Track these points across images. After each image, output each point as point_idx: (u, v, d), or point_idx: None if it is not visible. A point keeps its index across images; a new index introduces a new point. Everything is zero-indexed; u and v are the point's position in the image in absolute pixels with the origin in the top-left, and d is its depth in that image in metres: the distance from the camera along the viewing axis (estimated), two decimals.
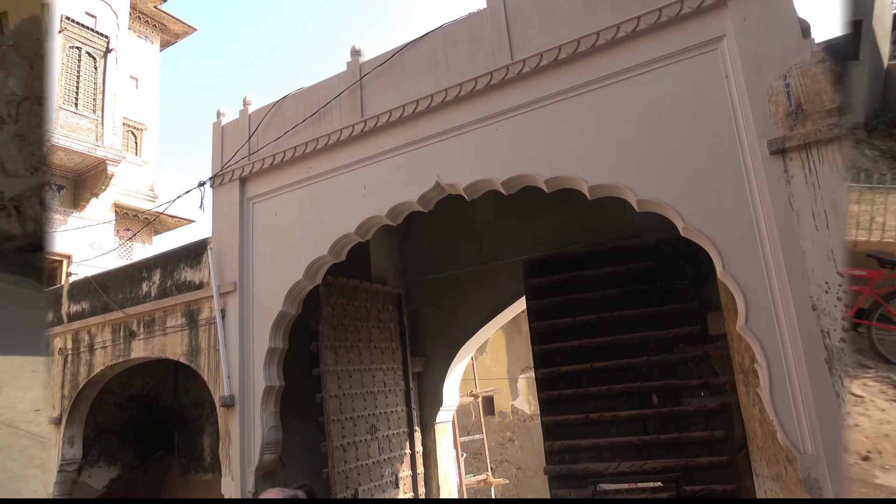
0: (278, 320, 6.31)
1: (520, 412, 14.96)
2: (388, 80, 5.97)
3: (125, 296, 8.11)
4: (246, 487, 6.20)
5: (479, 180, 5.26)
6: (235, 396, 6.39)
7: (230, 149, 7.12)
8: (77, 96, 13.39)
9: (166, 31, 17.74)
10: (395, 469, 7.37)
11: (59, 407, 8.58)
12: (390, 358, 7.78)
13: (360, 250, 6.85)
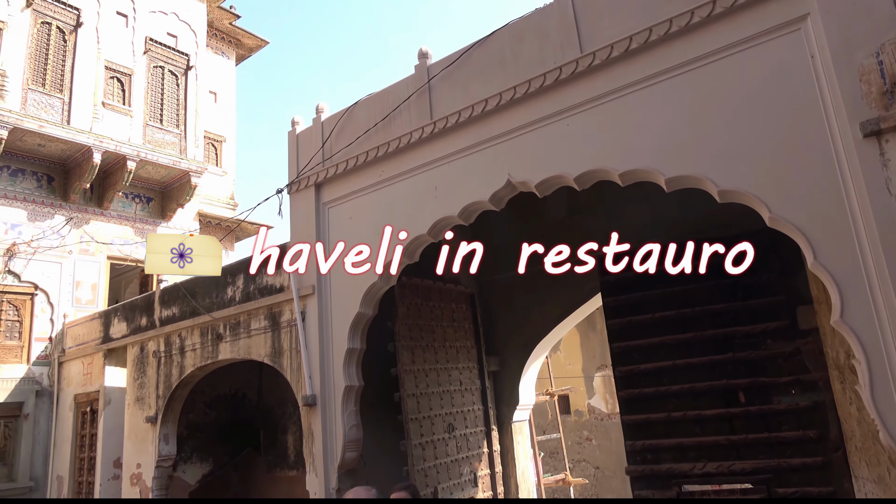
0: (356, 321, 6.45)
1: (596, 411, 14.68)
2: (457, 80, 6.00)
3: (212, 300, 8.50)
4: (329, 484, 6.38)
5: (551, 177, 5.20)
6: (317, 396, 6.58)
7: (305, 156, 7.34)
8: (162, 112, 14.15)
9: (241, 45, 18.48)
10: (474, 467, 7.39)
11: (155, 406, 9.08)
12: (465, 357, 7.81)
13: (433, 250, 6.91)
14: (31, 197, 12.27)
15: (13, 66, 11.86)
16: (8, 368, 11.35)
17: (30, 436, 11.28)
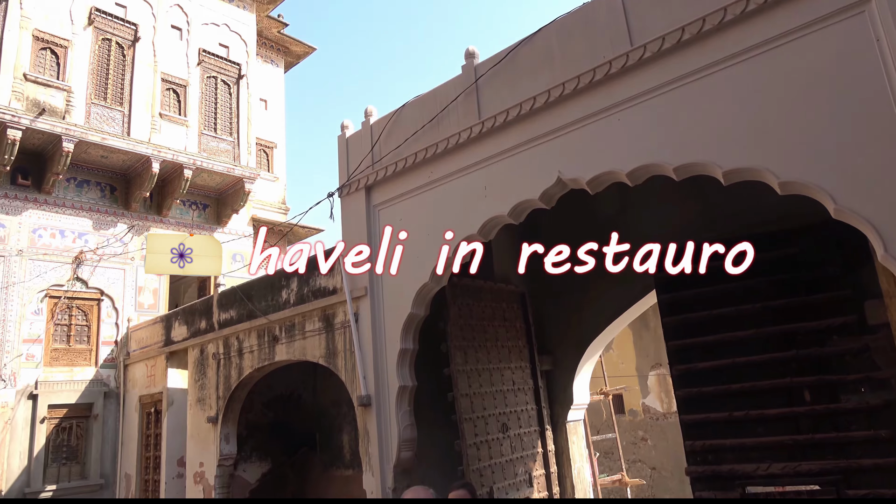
0: (408, 322, 6.50)
1: (651, 410, 14.38)
2: (504, 79, 5.98)
3: (267, 303, 8.70)
4: (386, 483, 6.44)
5: (603, 173, 5.13)
6: (372, 396, 6.66)
7: (355, 159, 7.44)
8: (215, 121, 14.58)
9: (289, 53, 18.86)
10: (528, 468, 7.35)
11: (215, 407, 9.36)
12: (517, 356, 7.78)
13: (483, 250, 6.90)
14: (95, 207, 12.82)
15: (77, 82, 12.41)
16: (78, 371, 11.89)
17: (99, 435, 11.78)
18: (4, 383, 10.98)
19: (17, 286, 11.42)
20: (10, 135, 11.04)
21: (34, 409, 11.21)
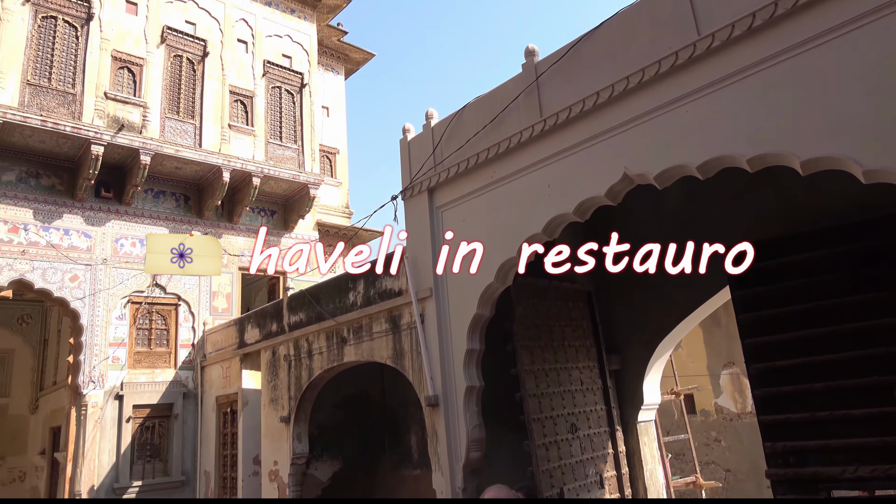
0: (474, 322, 6.51)
1: (724, 410, 13.90)
2: (566, 76, 5.91)
3: (335, 305, 8.90)
4: (455, 484, 6.48)
5: (672, 167, 5.00)
6: (439, 396, 6.71)
7: (417, 162, 7.52)
8: (281, 130, 15.03)
9: (349, 60, 19.24)
10: (599, 469, 7.24)
11: (287, 407, 9.64)
12: (585, 356, 7.68)
13: (547, 249, 6.84)
14: (171, 216, 13.43)
15: (152, 97, 13.04)
16: (159, 373, 12.48)
17: (180, 434, 12.33)
18: (94, 384, 11.64)
19: (103, 293, 12.09)
20: (93, 150, 11.70)
21: (120, 409, 11.83)
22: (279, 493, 9.71)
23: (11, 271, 11.16)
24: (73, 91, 12.05)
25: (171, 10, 13.89)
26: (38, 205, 11.79)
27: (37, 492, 16.60)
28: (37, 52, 11.86)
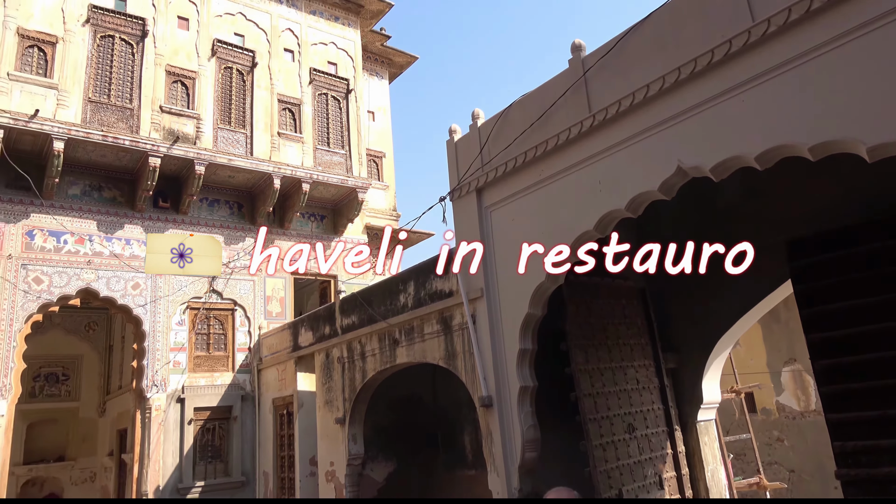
0: (526, 322, 6.46)
1: (787, 409, 13.40)
2: (614, 69, 5.81)
3: (386, 307, 8.97)
4: (511, 484, 6.44)
5: (728, 158, 4.85)
6: (493, 397, 6.69)
7: (464, 162, 7.51)
8: (328, 136, 15.27)
9: (393, 64, 19.40)
10: (658, 469, 7.09)
11: (342, 408, 9.77)
12: (640, 354, 7.53)
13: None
14: (225, 223, 13.80)
15: (204, 109, 13.43)
16: (218, 376, 12.84)
17: (239, 435, 12.65)
18: (157, 388, 12.06)
19: (163, 300, 12.51)
20: (151, 162, 12.13)
21: (182, 412, 12.22)
22: (336, 494, 9.86)
23: (79, 281, 11.66)
24: (130, 106, 12.51)
25: (221, 24, 14.29)
26: (101, 216, 12.28)
27: (106, 491, 17.31)
28: (96, 71, 12.37)
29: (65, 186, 12.01)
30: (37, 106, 11.30)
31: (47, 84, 11.66)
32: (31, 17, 11.87)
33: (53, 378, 18.61)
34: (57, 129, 11.28)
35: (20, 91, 11.37)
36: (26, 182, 11.25)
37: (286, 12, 15.44)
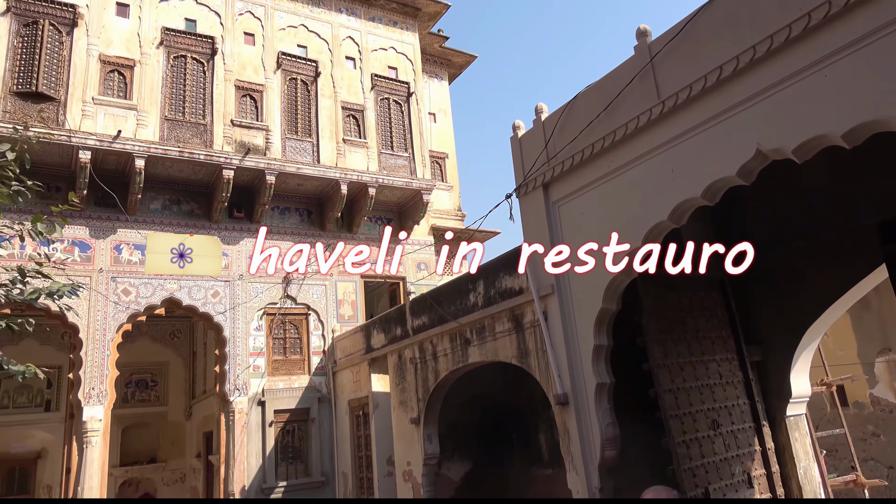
0: (600, 317, 6.33)
1: (882, 402, 12.59)
2: (683, 53, 5.61)
3: (456, 307, 8.99)
4: (592, 483, 6.32)
5: (812, 138, 4.60)
6: (569, 394, 6.58)
7: (530, 158, 7.43)
8: (391, 140, 15.46)
9: (452, 65, 19.45)
10: (746, 467, 6.79)
11: (417, 409, 9.85)
12: (722, 348, 7.24)
13: (671, 237, 6.52)
14: (296, 230, 14.18)
15: (272, 120, 13.86)
16: (296, 379, 13.21)
17: (317, 436, 12.97)
18: (239, 392, 12.52)
19: (241, 306, 12.97)
20: (225, 174, 12.60)
21: (263, 414, 12.64)
22: (413, 493, 9.95)
23: (163, 291, 12.24)
24: (204, 121, 13.05)
25: (284, 37, 14.71)
26: (181, 228, 12.84)
27: (195, 492, 18.11)
28: (171, 90, 12.96)
29: (147, 202, 12.63)
30: (119, 127, 11.94)
31: (127, 105, 12.31)
32: (111, 44, 12.56)
33: (143, 384, 19.63)
34: (138, 148, 11.88)
35: (104, 114, 12.04)
36: (112, 199, 11.90)
37: (346, 21, 15.74)
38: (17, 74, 11.54)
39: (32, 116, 11.15)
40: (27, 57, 11.70)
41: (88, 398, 11.13)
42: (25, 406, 17.51)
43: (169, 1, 13.46)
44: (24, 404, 17.52)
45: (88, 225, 11.89)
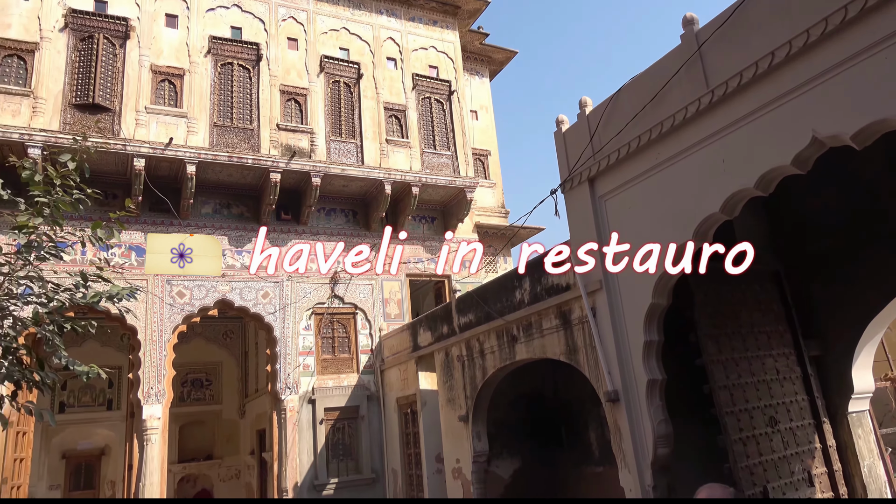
0: (650, 313, 6.22)
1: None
2: (732, 40, 5.46)
3: (502, 304, 8.96)
4: (644, 481, 6.22)
5: (872, 122, 4.41)
6: (619, 391, 6.49)
7: (574, 153, 7.35)
8: (434, 139, 15.51)
9: (492, 61, 19.39)
10: (806, 465, 6.58)
11: (465, 406, 9.87)
12: (778, 342, 7.03)
13: (722, 229, 6.36)
14: (342, 231, 14.38)
15: (317, 123, 14.08)
16: (345, 377, 13.40)
17: (367, 434, 13.12)
18: (290, 390, 12.77)
19: (290, 307, 13.23)
20: (272, 178, 12.87)
21: (314, 412, 12.86)
22: (463, 491, 9.97)
23: (215, 293, 12.58)
24: (251, 126, 13.35)
25: (326, 40, 14.92)
26: (231, 231, 13.18)
27: (250, 488, 18.57)
28: (219, 97, 13.31)
29: (198, 206, 12.99)
30: (170, 134, 12.32)
31: (178, 113, 12.69)
32: (161, 54, 12.96)
33: (198, 383, 20.22)
34: (189, 154, 12.24)
35: (156, 122, 12.44)
36: (166, 205, 12.28)
37: (387, 22, 15.86)
38: (76, 87, 12.03)
39: (90, 127, 11.59)
40: (84, 70, 12.18)
41: (147, 397, 11.53)
42: (89, 405, 18.29)
43: (215, 10, 13.81)
44: (88, 403, 18.30)
45: (144, 230, 12.30)
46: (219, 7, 13.87)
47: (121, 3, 12.88)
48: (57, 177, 6.17)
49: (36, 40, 11.92)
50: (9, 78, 11.63)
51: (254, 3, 14.30)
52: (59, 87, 11.86)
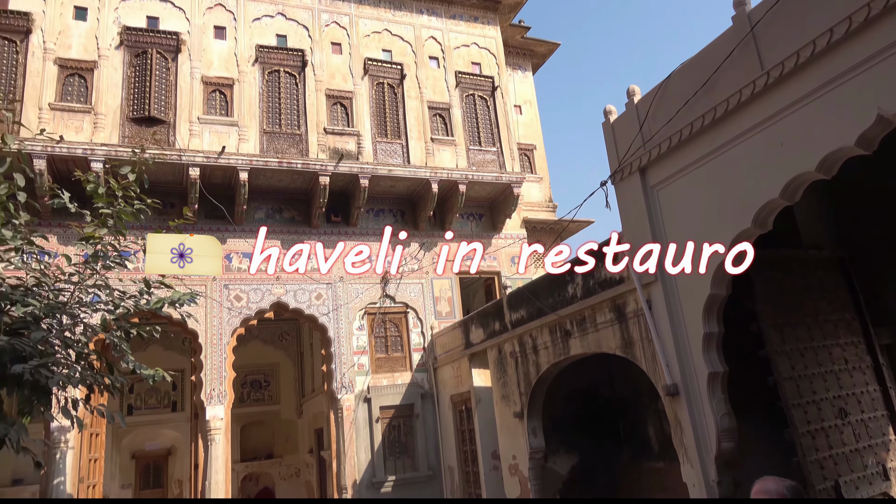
0: (709, 304, 6.05)
1: None
2: (787, 18, 5.26)
3: (554, 299, 8.88)
4: (708, 476, 6.06)
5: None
6: (679, 385, 6.35)
7: (623, 143, 7.22)
8: (479, 135, 15.49)
9: (534, 55, 19.22)
10: (880, 458, 6.30)
11: (519, 402, 9.82)
12: (845, 331, 6.75)
13: (782, 215, 6.14)
14: (391, 231, 14.49)
15: (362, 125, 14.24)
16: (398, 376, 13.53)
17: (422, 432, 13.22)
18: (345, 390, 12.97)
19: (343, 307, 13.44)
20: (321, 181, 13.09)
21: (369, 411, 13.03)
22: (520, 487, 9.93)
23: (271, 295, 12.89)
24: (299, 132, 13.60)
25: (369, 43, 15.07)
26: (283, 235, 13.47)
27: (309, 486, 18.96)
28: (268, 104, 13.61)
29: (251, 212, 13.33)
30: (223, 142, 12.67)
31: (229, 122, 13.04)
32: (211, 65, 13.34)
33: (257, 384, 20.75)
34: (241, 161, 12.56)
35: (208, 131, 12.82)
36: (220, 212, 12.64)
37: (428, 21, 15.91)
38: (132, 101, 12.50)
39: (147, 139, 12.03)
40: (139, 84, 12.65)
41: (210, 399, 11.90)
42: (155, 407, 18.99)
43: (261, 20, 14.12)
44: (154, 405, 19.01)
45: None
46: (264, 16, 14.18)
47: (172, 18, 13.31)
48: (119, 188, 6.46)
49: (94, 58, 12.44)
50: (71, 96, 12.17)
51: (297, 10, 14.56)
52: (116, 102, 12.34)
